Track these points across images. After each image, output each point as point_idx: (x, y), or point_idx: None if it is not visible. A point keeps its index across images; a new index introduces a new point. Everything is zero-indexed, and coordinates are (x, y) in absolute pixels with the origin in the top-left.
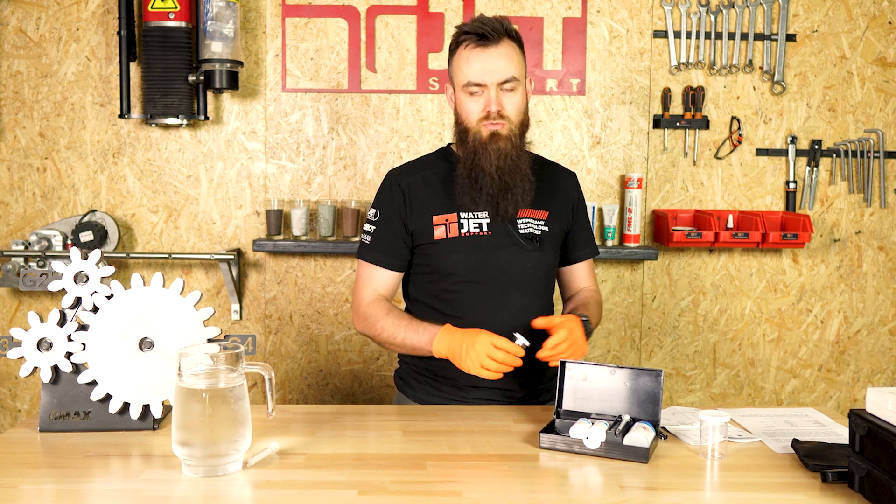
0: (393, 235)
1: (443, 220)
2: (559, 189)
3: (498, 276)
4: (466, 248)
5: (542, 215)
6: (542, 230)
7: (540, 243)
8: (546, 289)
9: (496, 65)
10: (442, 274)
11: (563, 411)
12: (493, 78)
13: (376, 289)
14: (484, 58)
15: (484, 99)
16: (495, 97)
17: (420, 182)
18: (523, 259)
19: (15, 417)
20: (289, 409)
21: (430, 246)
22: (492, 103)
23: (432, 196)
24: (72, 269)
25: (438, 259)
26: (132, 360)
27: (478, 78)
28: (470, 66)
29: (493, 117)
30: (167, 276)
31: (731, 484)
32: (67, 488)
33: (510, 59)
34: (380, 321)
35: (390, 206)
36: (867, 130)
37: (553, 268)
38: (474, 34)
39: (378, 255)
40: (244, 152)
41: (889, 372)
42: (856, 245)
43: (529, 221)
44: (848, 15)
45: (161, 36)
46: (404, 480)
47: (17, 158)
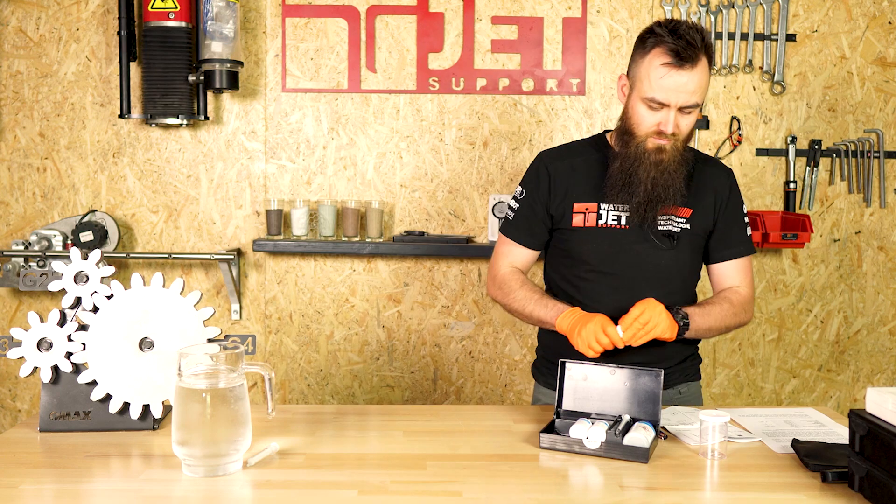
0: (534, 216)
1: (583, 209)
2: (709, 186)
3: (630, 271)
4: (601, 239)
5: (685, 213)
6: (683, 228)
7: (677, 242)
8: (682, 287)
9: (685, 88)
10: (576, 261)
11: (563, 411)
12: (679, 101)
13: (513, 262)
14: (675, 79)
15: (661, 116)
16: (674, 119)
17: (567, 168)
18: (657, 256)
19: (15, 417)
20: (289, 409)
21: (568, 232)
22: (669, 125)
23: (577, 183)
24: (72, 269)
25: (574, 246)
26: (132, 360)
27: (662, 98)
28: (658, 82)
29: (665, 136)
30: (167, 276)
31: (731, 484)
32: (67, 488)
33: (700, 82)
34: (514, 292)
35: (535, 187)
36: (867, 130)
37: (692, 266)
38: (673, 49)
39: (518, 232)
40: (244, 152)
41: (889, 372)
42: (856, 245)
43: (671, 218)
44: (848, 15)
45: (161, 36)
46: (404, 480)
47: (17, 158)
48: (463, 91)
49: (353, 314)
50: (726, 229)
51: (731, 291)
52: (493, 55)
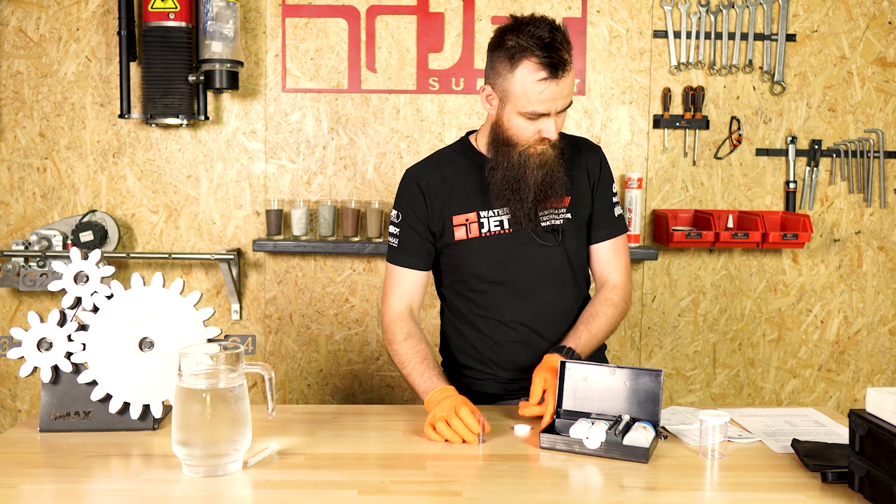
0: (417, 236)
1: (463, 221)
2: (582, 169)
3: (522, 275)
4: (488, 249)
5: (564, 202)
6: (565, 218)
7: (562, 235)
8: (575, 280)
9: (562, 94)
10: (466, 274)
11: (563, 411)
12: (558, 107)
13: (403, 293)
14: (553, 89)
15: (542, 124)
16: (555, 124)
17: (439, 180)
18: (546, 255)
19: (15, 417)
20: (289, 409)
21: (453, 247)
22: (552, 132)
23: (451, 195)
24: (72, 269)
25: (461, 260)
26: (132, 360)
27: (543, 109)
28: (538, 97)
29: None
30: (167, 276)
31: (731, 484)
32: (67, 488)
33: (570, 85)
34: (395, 344)
35: (410, 206)
36: (867, 130)
37: (580, 256)
38: (547, 64)
39: (404, 256)
40: (244, 152)
41: (889, 372)
42: (856, 245)
43: (551, 212)
44: (848, 15)
45: (161, 36)
46: (404, 480)
47: (17, 158)
48: (463, 91)
49: (353, 314)
50: (599, 209)
51: (612, 290)
52: None
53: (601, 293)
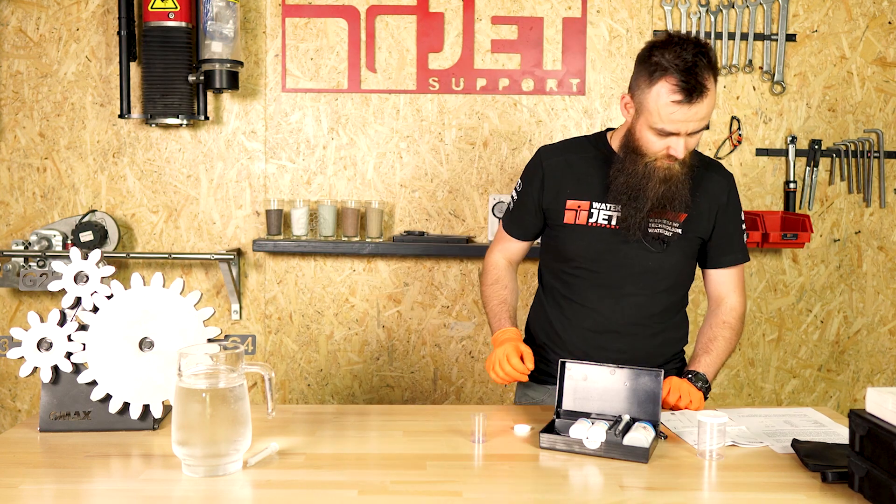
0: (526, 210)
1: (575, 206)
2: (708, 191)
3: (616, 270)
4: (590, 238)
5: (678, 217)
6: (675, 232)
7: (667, 245)
8: (670, 287)
9: (695, 118)
10: (564, 257)
11: (563, 411)
12: (689, 129)
13: (504, 250)
14: (686, 112)
15: (671, 142)
16: (684, 144)
17: (563, 164)
18: (644, 258)
19: (15, 417)
20: (289, 409)
21: (559, 228)
22: (680, 151)
23: (571, 180)
24: (72, 269)
25: (563, 242)
26: (132, 360)
27: (672, 129)
28: (669, 117)
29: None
30: (167, 276)
31: (731, 484)
32: (67, 488)
33: (709, 107)
34: (484, 286)
35: (530, 182)
36: (867, 130)
37: (682, 270)
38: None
39: (512, 225)
40: (244, 152)
41: (889, 372)
42: (855, 245)
43: (662, 222)
44: (848, 15)
45: (161, 36)
46: (404, 480)
47: (17, 158)
48: (463, 91)
49: (353, 314)
50: (724, 236)
51: (729, 312)
52: (493, 55)
53: (717, 315)
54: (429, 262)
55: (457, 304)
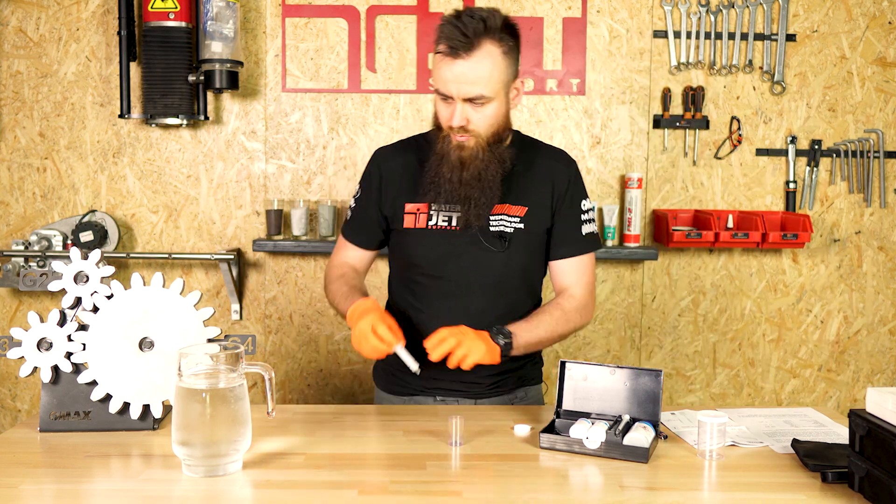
0: (367, 217)
1: (414, 209)
2: (546, 180)
3: (461, 274)
4: (431, 242)
5: (519, 211)
6: (516, 228)
7: (509, 243)
8: (516, 290)
9: (463, 78)
10: (409, 264)
11: (563, 411)
12: (460, 92)
13: (346, 260)
14: (452, 69)
15: (451, 109)
16: (460, 112)
17: (400, 167)
18: (489, 259)
19: (15, 417)
20: (289, 409)
21: (400, 233)
22: (454, 117)
23: (409, 182)
24: (72, 269)
25: (406, 248)
26: (132, 360)
27: (444, 89)
28: (438, 72)
29: (456, 130)
30: (167, 276)
31: (731, 484)
32: (67, 488)
33: (481, 71)
34: (331, 283)
35: (368, 187)
36: (867, 130)
37: (530, 267)
38: (448, 38)
39: (353, 233)
40: (244, 152)
41: (889, 372)
42: (856, 245)
43: (503, 218)
44: (848, 15)
45: (161, 36)
46: (404, 480)
47: (17, 158)
48: None
49: None
50: (563, 226)
51: (565, 297)
52: None
53: (554, 299)
54: None
55: None
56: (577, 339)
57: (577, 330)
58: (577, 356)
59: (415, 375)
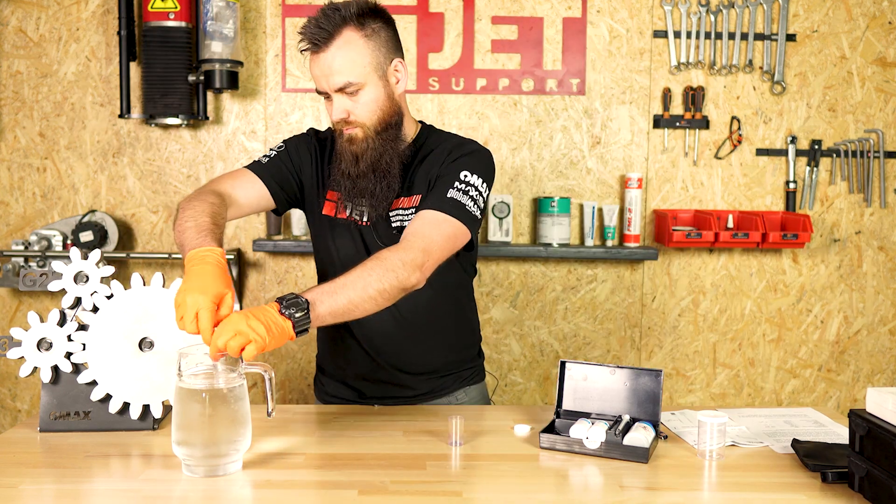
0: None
1: (335, 198)
2: (437, 163)
3: None
4: (344, 234)
5: (413, 202)
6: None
7: None
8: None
9: (328, 70)
10: (328, 255)
11: (563, 411)
12: (330, 85)
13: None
14: (318, 63)
15: (330, 105)
16: (338, 105)
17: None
18: None
19: (15, 417)
20: (289, 409)
21: (318, 218)
22: (334, 111)
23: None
24: (72, 269)
25: (324, 237)
26: (132, 360)
27: (317, 86)
28: (312, 71)
29: (342, 124)
30: (167, 276)
31: (731, 484)
32: (67, 488)
33: (343, 59)
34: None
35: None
36: (867, 130)
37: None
38: (306, 35)
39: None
40: (244, 152)
41: (889, 372)
42: (856, 245)
43: (399, 213)
44: (848, 15)
45: (161, 36)
46: (404, 480)
47: (17, 158)
48: (463, 91)
49: None
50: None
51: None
52: (493, 55)
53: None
54: None
55: None
56: (577, 339)
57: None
58: (576, 356)
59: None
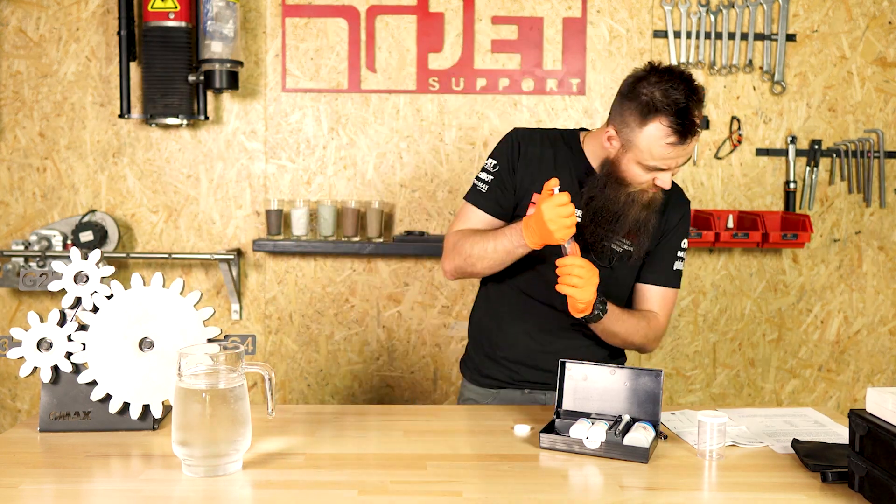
0: (503, 186)
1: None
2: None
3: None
4: None
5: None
6: (625, 249)
7: (614, 260)
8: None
9: (686, 153)
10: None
11: (563, 411)
12: (679, 164)
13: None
14: (678, 151)
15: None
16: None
17: (538, 153)
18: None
19: (15, 417)
20: (289, 409)
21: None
22: (668, 183)
23: (542, 174)
24: (72, 269)
25: None
26: (132, 360)
27: (664, 166)
28: (661, 155)
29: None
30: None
31: (731, 484)
32: (67, 488)
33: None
34: (466, 241)
35: (508, 160)
36: (867, 130)
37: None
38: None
39: (485, 201)
40: (244, 152)
41: (889, 372)
42: (856, 245)
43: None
44: (848, 15)
45: (161, 36)
46: (404, 480)
47: (17, 158)
48: (463, 91)
49: (353, 314)
50: (660, 254)
51: (651, 315)
52: (493, 55)
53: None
54: (429, 262)
55: (457, 305)
56: None
57: (642, 349)
58: None
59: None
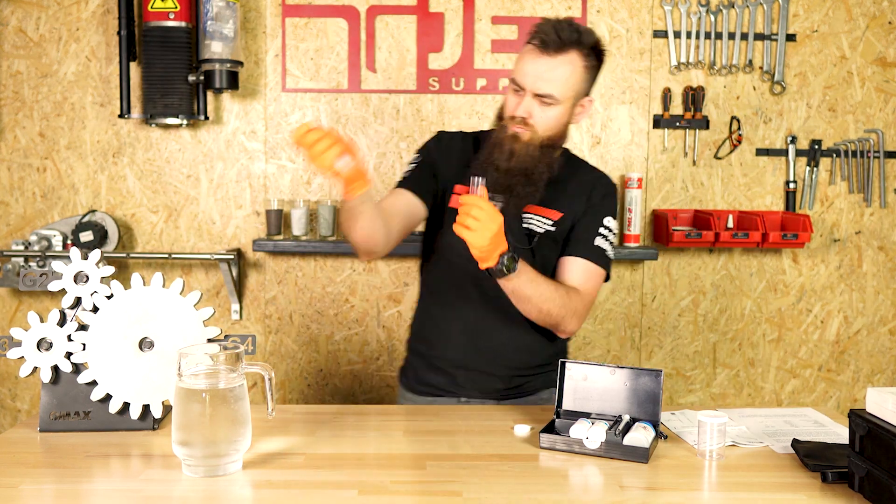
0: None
1: (463, 191)
2: (585, 192)
3: None
4: None
5: (553, 215)
6: (547, 230)
7: (535, 241)
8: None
9: (542, 75)
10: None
11: (563, 411)
12: (535, 86)
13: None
14: (534, 63)
15: (518, 100)
16: (526, 104)
17: (458, 150)
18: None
19: (15, 417)
20: (289, 409)
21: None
22: (519, 108)
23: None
24: (72, 269)
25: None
26: (132, 360)
27: (519, 78)
28: (520, 64)
29: (517, 121)
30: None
31: (731, 484)
32: (67, 488)
33: (560, 74)
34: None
35: (427, 153)
36: (867, 130)
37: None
38: (541, 37)
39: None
40: (244, 152)
41: (889, 372)
42: (856, 245)
43: (535, 218)
44: (848, 15)
45: (161, 36)
46: (404, 480)
47: (17, 158)
48: (463, 91)
49: (353, 314)
50: (581, 227)
51: (573, 289)
52: (493, 55)
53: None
54: None
55: None
56: (577, 339)
57: (557, 324)
58: (577, 356)
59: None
